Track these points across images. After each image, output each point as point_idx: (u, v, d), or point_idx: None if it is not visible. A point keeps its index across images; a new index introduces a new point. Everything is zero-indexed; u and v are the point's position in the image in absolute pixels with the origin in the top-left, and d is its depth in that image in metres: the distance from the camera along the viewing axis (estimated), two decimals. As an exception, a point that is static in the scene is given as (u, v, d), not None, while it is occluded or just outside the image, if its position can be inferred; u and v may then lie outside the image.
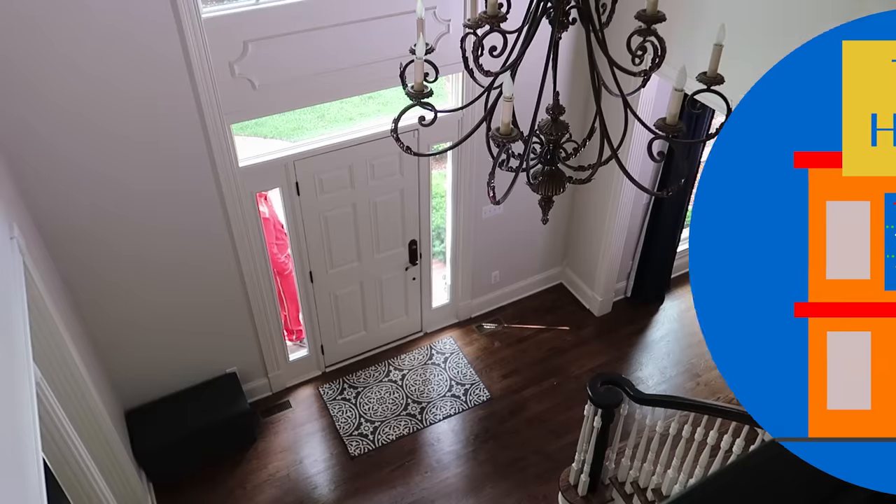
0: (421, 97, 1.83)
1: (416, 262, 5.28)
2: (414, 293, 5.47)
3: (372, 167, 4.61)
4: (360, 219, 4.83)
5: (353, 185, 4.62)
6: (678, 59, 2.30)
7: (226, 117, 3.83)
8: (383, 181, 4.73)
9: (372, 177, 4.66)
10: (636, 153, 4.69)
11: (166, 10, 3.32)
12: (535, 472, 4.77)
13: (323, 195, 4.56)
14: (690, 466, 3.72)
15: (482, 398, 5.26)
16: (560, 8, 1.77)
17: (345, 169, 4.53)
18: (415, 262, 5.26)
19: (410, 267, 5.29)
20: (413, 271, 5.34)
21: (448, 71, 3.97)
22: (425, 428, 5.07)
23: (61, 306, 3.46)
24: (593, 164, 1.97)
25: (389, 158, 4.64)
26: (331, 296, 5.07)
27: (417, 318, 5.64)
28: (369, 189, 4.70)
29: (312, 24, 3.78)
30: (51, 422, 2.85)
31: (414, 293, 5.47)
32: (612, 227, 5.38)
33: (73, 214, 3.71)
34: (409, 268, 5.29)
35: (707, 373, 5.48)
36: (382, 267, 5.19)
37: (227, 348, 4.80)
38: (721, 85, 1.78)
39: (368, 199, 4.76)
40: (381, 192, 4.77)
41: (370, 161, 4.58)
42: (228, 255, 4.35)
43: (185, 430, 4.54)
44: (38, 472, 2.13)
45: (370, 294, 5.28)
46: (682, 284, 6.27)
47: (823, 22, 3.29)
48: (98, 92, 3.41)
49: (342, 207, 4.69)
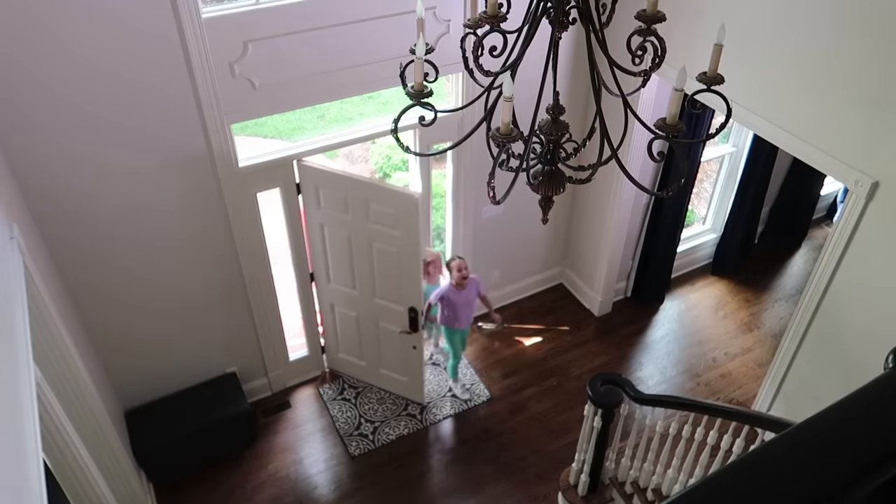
0: (421, 97, 1.84)
1: (417, 331, 4.76)
2: (415, 360, 4.95)
3: (367, 206, 4.32)
4: (357, 254, 4.58)
5: (347, 210, 4.39)
6: (678, 59, 2.30)
7: (226, 117, 3.83)
8: (380, 230, 4.39)
9: (367, 218, 4.37)
10: (636, 153, 4.69)
11: (166, 10, 3.32)
12: (535, 472, 4.77)
13: (321, 210, 4.51)
14: (690, 466, 3.72)
15: (482, 398, 5.26)
16: (560, 8, 1.77)
17: (341, 193, 4.34)
18: (415, 329, 4.76)
19: (411, 333, 4.80)
20: (414, 339, 4.82)
21: (448, 71, 3.97)
22: (425, 428, 5.07)
23: (61, 306, 3.46)
24: (593, 164, 1.97)
25: (386, 209, 4.28)
26: (330, 305, 5.04)
27: (419, 387, 5.10)
28: (367, 230, 4.43)
29: (312, 24, 3.78)
30: (51, 422, 2.85)
31: (415, 360, 4.95)
32: (612, 227, 5.38)
33: (74, 215, 3.71)
34: (409, 333, 4.80)
35: (707, 373, 5.48)
36: (381, 314, 4.83)
37: (227, 348, 4.80)
38: (721, 85, 1.78)
39: (365, 237, 4.48)
40: (378, 239, 4.44)
41: (366, 200, 4.30)
42: (229, 255, 4.35)
43: (185, 430, 4.54)
44: (38, 472, 2.13)
45: (368, 332, 5.00)
46: (682, 284, 6.28)
47: (823, 22, 3.31)
48: (98, 92, 3.41)
49: (339, 230, 4.54)
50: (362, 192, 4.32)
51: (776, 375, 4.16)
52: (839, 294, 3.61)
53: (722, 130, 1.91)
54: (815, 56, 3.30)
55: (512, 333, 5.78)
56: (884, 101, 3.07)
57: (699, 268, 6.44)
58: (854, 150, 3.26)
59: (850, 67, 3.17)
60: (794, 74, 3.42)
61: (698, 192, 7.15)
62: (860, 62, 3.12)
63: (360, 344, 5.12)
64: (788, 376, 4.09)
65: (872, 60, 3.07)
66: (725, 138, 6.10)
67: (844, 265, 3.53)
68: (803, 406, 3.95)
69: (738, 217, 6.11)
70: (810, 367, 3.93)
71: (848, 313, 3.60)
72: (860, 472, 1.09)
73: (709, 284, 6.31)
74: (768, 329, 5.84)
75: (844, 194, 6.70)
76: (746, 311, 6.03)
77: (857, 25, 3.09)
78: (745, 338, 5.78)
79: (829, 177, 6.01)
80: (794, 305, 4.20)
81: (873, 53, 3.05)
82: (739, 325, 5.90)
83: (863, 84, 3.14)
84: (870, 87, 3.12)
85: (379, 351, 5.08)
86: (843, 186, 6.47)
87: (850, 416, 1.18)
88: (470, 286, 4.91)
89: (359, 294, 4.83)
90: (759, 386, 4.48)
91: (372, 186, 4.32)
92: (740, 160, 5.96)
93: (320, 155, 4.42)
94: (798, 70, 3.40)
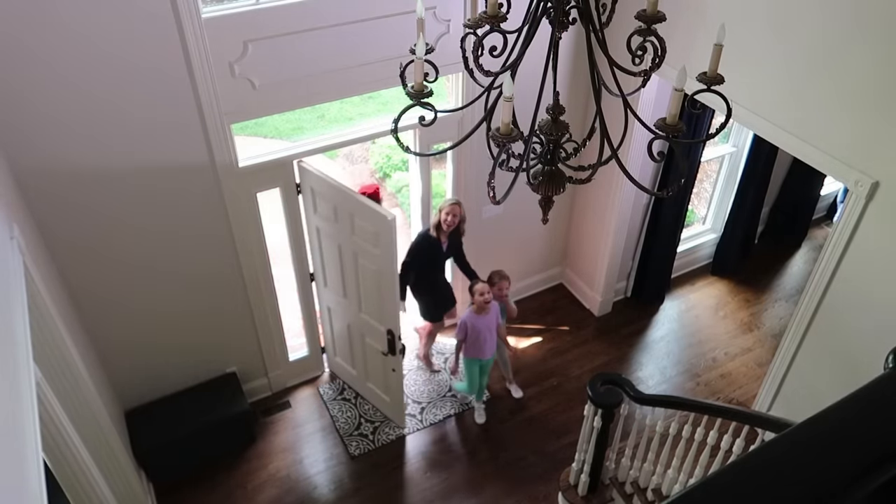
0: (421, 97, 1.83)
1: (395, 354, 4.58)
2: (394, 383, 4.80)
3: (352, 219, 4.23)
4: (346, 265, 4.53)
5: (337, 220, 4.35)
6: (678, 59, 2.30)
7: (226, 117, 3.83)
8: (363, 246, 4.29)
9: (353, 232, 4.30)
10: (636, 153, 4.69)
11: (166, 10, 3.32)
12: (535, 472, 4.77)
13: (316, 214, 4.50)
14: (690, 466, 3.72)
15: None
16: (560, 8, 1.77)
17: (332, 202, 4.30)
18: (393, 352, 4.58)
19: (389, 356, 4.63)
20: (392, 361, 4.64)
21: (448, 71, 3.97)
22: (425, 428, 5.07)
23: (61, 306, 3.46)
24: (593, 164, 1.97)
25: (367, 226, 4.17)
26: (327, 308, 5.03)
27: (400, 411, 4.97)
28: (353, 243, 4.35)
29: (312, 24, 3.78)
30: (51, 422, 2.85)
31: (394, 383, 4.80)
32: (612, 227, 5.38)
33: (74, 215, 3.71)
34: (387, 354, 4.64)
35: (707, 373, 5.48)
36: (366, 329, 4.73)
37: (227, 348, 4.80)
38: (721, 85, 1.78)
39: (352, 250, 4.41)
40: (361, 255, 4.36)
41: (351, 213, 4.21)
42: (229, 255, 4.35)
43: (185, 430, 4.54)
44: (39, 472, 2.13)
45: (356, 343, 4.93)
46: (682, 284, 6.28)
47: (824, 22, 3.31)
48: (97, 92, 3.41)
49: (332, 238, 4.51)
50: (348, 205, 4.22)
51: (776, 375, 4.16)
52: (839, 294, 3.61)
53: (722, 130, 1.91)
54: (816, 56, 3.30)
55: (512, 334, 5.77)
56: (884, 101, 3.07)
57: (699, 268, 6.44)
58: (854, 150, 3.26)
59: (850, 67, 3.17)
60: (795, 74, 3.42)
61: (698, 192, 7.15)
62: (861, 62, 3.12)
63: (352, 353, 5.06)
64: (788, 376, 4.09)
65: (873, 60, 3.07)
66: (725, 138, 6.10)
67: (844, 265, 3.53)
68: (803, 406, 3.94)
69: (738, 217, 6.11)
70: (810, 367, 3.93)
71: (848, 313, 3.60)
72: (860, 472, 1.09)
73: (709, 284, 6.31)
74: (768, 329, 5.84)
75: (844, 194, 6.70)
76: (746, 311, 6.03)
77: (858, 25, 3.09)
78: (745, 338, 5.78)
79: (829, 177, 6.01)
80: (794, 305, 4.20)
81: (874, 53, 3.05)
82: (739, 325, 5.90)
83: (863, 84, 3.14)
84: (870, 87, 3.12)
85: (366, 364, 5.00)
86: (843, 186, 6.47)
87: (850, 416, 1.18)
88: (492, 311, 4.67)
89: (348, 304, 4.76)
90: (759, 386, 4.48)
91: (354, 201, 4.18)
92: (740, 160, 5.96)
93: (320, 155, 4.41)
94: (798, 70, 3.40)
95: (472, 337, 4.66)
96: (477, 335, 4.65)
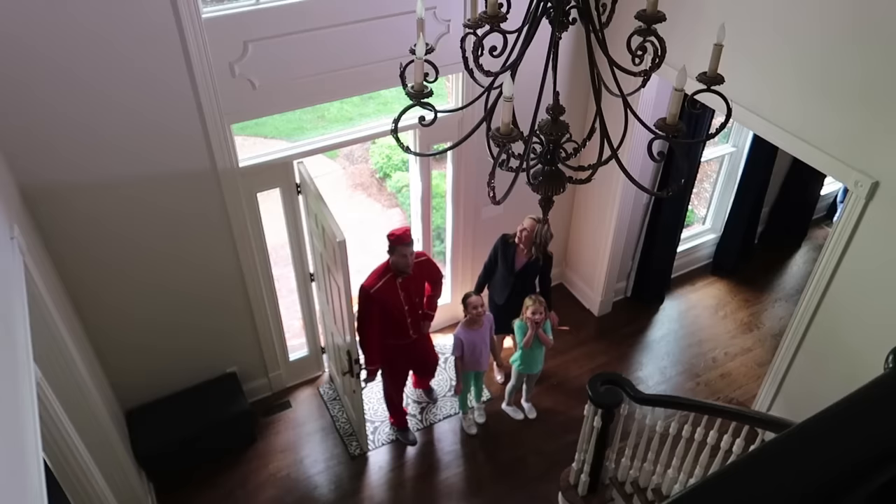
0: (421, 97, 1.83)
1: (353, 376, 4.45)
2: (356, 403, 4.64)
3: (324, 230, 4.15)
4: (325, 275, 4.49)
5: (318, 226, 4.28)
6: (678, 59, 2.30)
7: (226, 117, 3.83)
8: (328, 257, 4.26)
9: (324, 244, 4.25)
10: (636, 153, 4.68)
11: (166, 10, 3.32)
12: (535, 472, 4.77)
13: (310, 217, 4.49)
14: (690, 466, 3.72)
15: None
16: (560, 8, 1.77)
17: (314, 209, 4.24)
18: (351, 374, 4.45)
19: (347, 374, 4.51)
20: (352, 382, 4.52)
21: (448, 71, 3.97)
22: (425, 428, 5.07)
23: (61, 306, 3.46)
24: (593, 164, 1.97)
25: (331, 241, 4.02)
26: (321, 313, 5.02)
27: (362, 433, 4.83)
28: (325, 255, 4.32)
29: (312, 25, 3.78)
30: (51, 422, 2.85)
31: (356, 403, 4.64)
32: (612, 227, 5.38)
33: (73, 215, 3.71)
34: (345, 374, 4.55)
35: (707, 373, 5.48)
36: (339, 342, 4.64)
37: (227, 348, 4.80)
38: (721, 85, 1.78)
39: (325, 262, 4.38)
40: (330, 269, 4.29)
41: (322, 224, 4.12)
42: (229, 255, 4.35)
43: (185, 430, 4.54)
44: (39, 472, 2.13)
45: (334, 354, 4.92)
46: (682, 284, 6.28)
47: (824, 21, 3.31)
48: (97, 94, 3.41)
49: (318, 242, 4.45)
50: (322, 215, 4.10)
51: (776, 375, 4.16)
52: (839, 294, 3.61)
53: (722, 130, 1.91)
54: (816, 56, 3.30)
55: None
56: (884, 101, 3.07)
57: (699, 268, 6.44)
58: (854, 150, 3.26)
59: (850, 67, 3.17)
60: (795, 74, 3.42)
61: (698, 192, 7.15)
62: (861, 62, 3.12)
63: (338, 362, 4.94)
64: (788, 376, 4.09)
65: (873, 60, 3.07)
66: (725, 138, 6.10)
67: (844, 265, 3.53)
68: (803, 406, 3.95)
69: (738, 217, 6.11)
70: (810, 367, 3.93)
71: (848, 313, 3.60)
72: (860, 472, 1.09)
73: (709, 284, 6.31)
74: (768, 329, 5.84)
75: (844, 194, 6.69)
76: (746, 311, 6.03)
77: (858, 25, 3.09)
78: (745, 338, 5.78)
79: (829, 177, 6.01)
80: (794, 305, 4.20)
81: (873, 53, 3.05)
82: (739, 325, 5.90)
83: (863, 84, 3.14)
84: (870, 87, 3.12)
85: (342, 377, 4.88)
86: (843, 186, 6.47)
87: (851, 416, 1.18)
88: (485, 323, 4.68)
89: (330, 313, 4.72)
90: (759, 386, 4.48)
91: (324, 213, 4.04)
92: (740, 160, 5.96)
93: (321, 155, 4.41)
94: (798, 70, 3.40)
95: (468, 351, 4.68)
96: (472, 348, 4.68)
